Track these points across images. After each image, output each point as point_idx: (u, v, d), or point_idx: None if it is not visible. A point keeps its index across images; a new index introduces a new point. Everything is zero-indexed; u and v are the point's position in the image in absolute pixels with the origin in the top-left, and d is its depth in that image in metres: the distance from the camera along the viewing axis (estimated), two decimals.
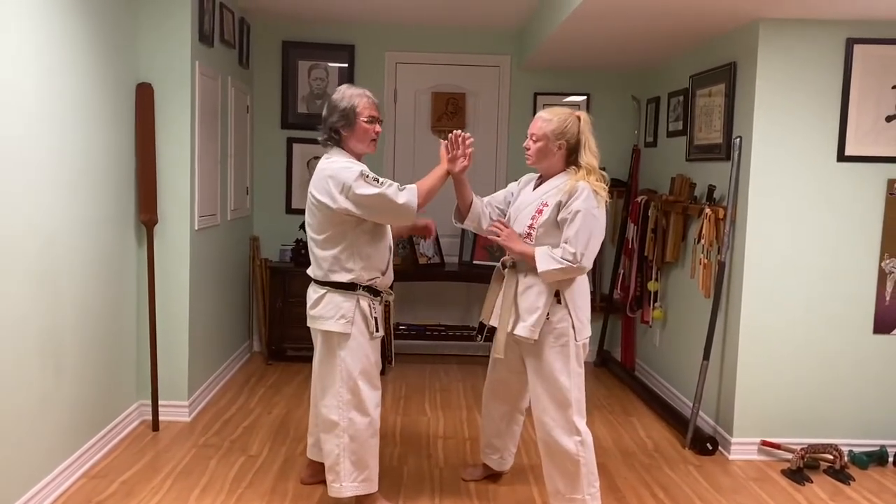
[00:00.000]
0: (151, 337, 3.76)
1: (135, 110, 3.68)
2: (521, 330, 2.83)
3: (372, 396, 2.88)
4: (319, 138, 2.94)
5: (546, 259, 2.75)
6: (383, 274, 2.92)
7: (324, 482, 2.98)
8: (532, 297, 2.83)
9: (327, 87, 5.36)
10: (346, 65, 5.35)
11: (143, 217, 3.72)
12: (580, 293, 2.88)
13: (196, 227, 3.96)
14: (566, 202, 2.76)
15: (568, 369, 2.82)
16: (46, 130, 2.85)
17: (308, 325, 2.94)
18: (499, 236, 2.90)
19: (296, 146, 5.38)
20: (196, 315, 4.02)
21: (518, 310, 2.87)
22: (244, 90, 5.00)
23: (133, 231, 3.73)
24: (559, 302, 2.82)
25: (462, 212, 3.07)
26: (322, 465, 3.02)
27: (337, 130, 2.87)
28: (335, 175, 2.75)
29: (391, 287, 3.04)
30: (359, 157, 2.91)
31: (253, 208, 5.39)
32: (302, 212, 5.23)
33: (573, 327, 2.82)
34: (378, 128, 2.91)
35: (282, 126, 5.39)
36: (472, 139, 2.88)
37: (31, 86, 2.73)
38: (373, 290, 2.89)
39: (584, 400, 2.89)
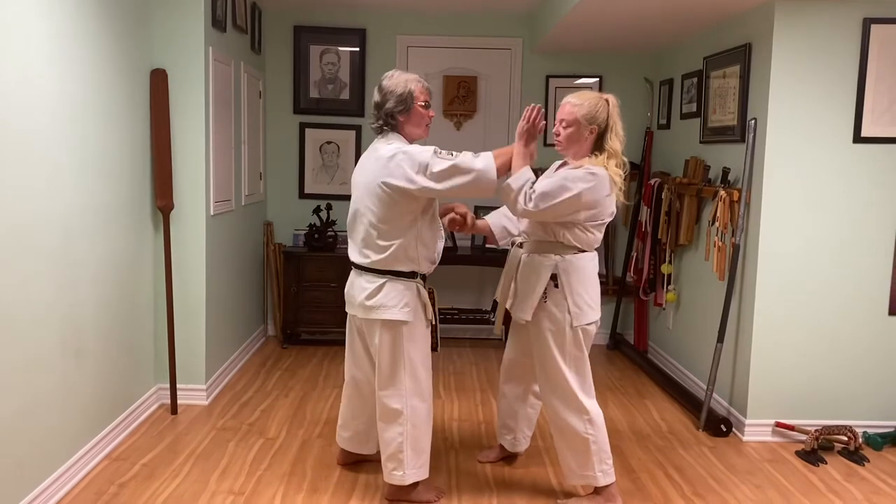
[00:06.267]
0: (169, 322, 3.80)
1: (149, 96, 3.70)
2: (516, 309, 2.91)
3: (429, 383, 2.93)
4: (373, 125, 2.90)
5: (517, 179, 2.69)
6: (434, 262, 2.95)
7: (357, 463, 3.18)
8: (529, 280, 2.87)
9: (339, 71, 5.36)
10: (357, 49, 5.34)
11: (159, 203, 3.75)
12: (580, 279, 2.85)
13: (211, 213, 3.98)
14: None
15: (563, 353, 2.84)
16: (62, 118, 2.87)
17: (361, 315, 2.87)
18: (527, 121, 2.75)
19: (308, 131, 5.40)
20: (212, 300, 4.06)
21: (517, 289, 2.93)
22: (256, 76, 5.00)
23: (149, 217, 3.75)
24: (556, 286, 2.83)
25: (494, 238, 3.13)
26: (353, 454, 3.19)
27: (393, 115, 2.82)
28: (410, 157, 2.69)
29: None
30: (413, 142, 2.87)
31: (266, 193, 5.41)
32: (315, 196, 5.35)
33: (569, 312, 2.82)
34: (432, 112, 2.93)
35: (294, 111, 5.40)
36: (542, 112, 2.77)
37: (46, 74, 2.74)
38: (424, 278, 2.92)
39: (590, 379, 2.91)
